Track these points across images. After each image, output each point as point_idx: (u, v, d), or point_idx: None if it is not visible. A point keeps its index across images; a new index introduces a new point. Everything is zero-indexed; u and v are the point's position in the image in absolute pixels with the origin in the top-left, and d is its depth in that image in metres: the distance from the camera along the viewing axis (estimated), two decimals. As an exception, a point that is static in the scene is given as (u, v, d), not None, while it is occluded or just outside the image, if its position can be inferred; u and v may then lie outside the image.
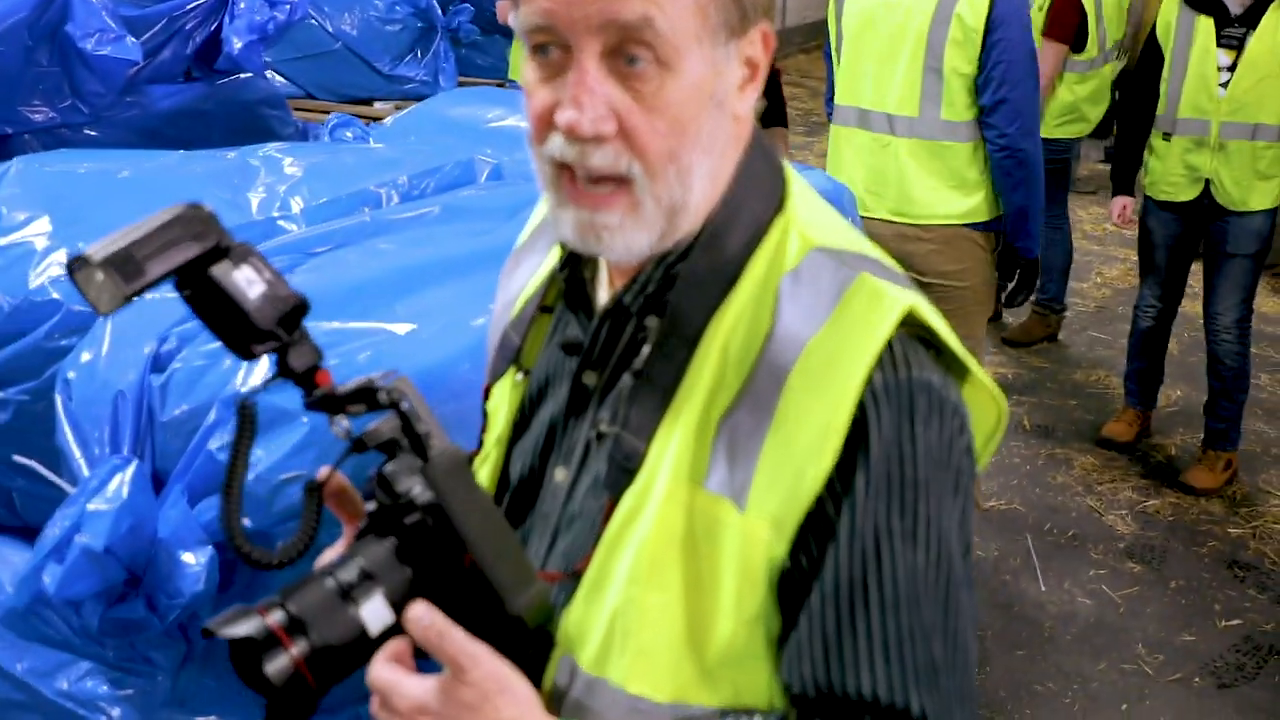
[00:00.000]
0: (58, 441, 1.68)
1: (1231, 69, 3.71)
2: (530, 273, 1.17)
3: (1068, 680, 3.16)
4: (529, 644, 0.94)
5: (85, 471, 1.61)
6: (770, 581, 0.92)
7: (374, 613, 0.90)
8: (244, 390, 1.58)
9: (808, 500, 0.90)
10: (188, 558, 1.43)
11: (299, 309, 0.93)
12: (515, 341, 1.13)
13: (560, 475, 1.05)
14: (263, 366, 1.53)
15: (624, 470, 0.95)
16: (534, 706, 0.90)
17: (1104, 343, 5.44)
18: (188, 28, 3.35)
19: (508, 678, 0.89)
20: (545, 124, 0.92)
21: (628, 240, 0.93)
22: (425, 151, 2.41)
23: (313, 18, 5.09)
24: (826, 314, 0.92)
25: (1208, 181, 3.82)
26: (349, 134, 3.37)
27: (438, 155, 2.41)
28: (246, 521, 1.47)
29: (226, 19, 3.36)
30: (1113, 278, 6.37)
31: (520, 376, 1.13)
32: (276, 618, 0.87)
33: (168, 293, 0.91)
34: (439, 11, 5.58)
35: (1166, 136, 3.89)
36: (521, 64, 0.94)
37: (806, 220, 1.00)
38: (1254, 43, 3.68)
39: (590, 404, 1.03)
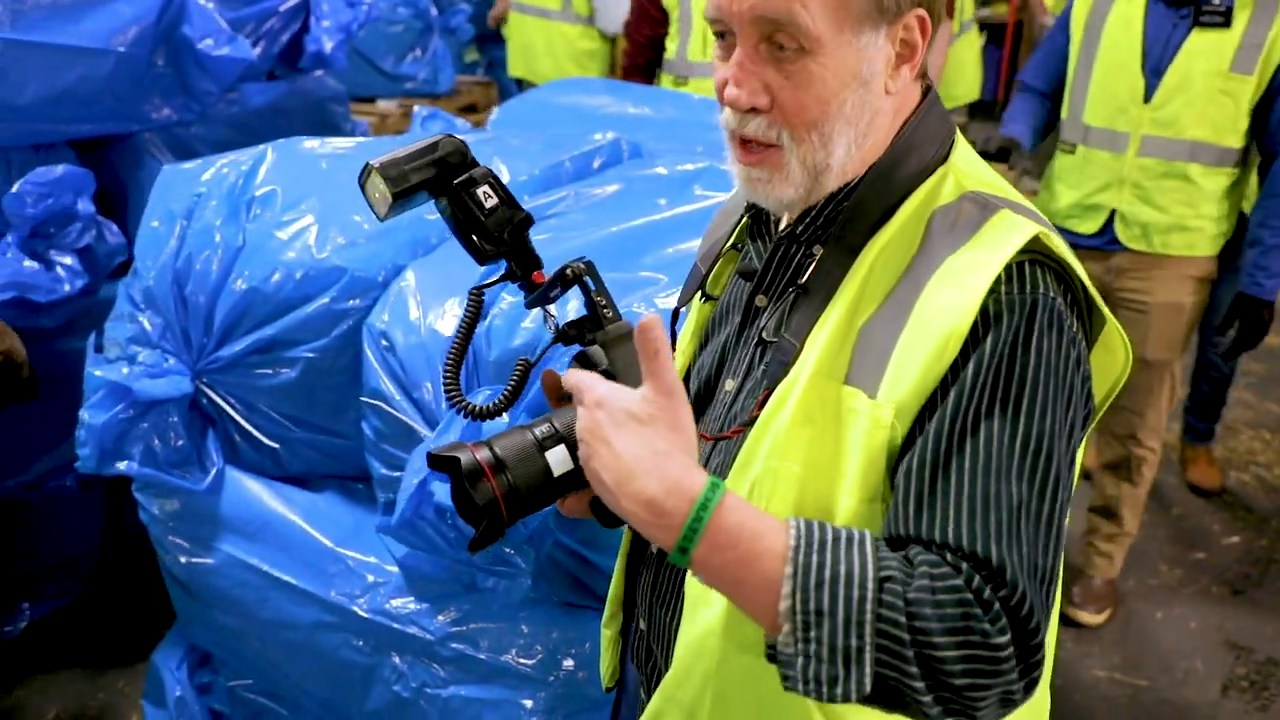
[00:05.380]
0: (371, 386, 1.91)
1: None
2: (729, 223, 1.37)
3: (1107, 594, 3.57)
4: None
5: (410, 409, 1.85)
6: (889, 464, 1.04)
7: (558, 458, 1.11)
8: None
9: (927, 390, 1.01)
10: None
11: (525, 222, 1.15)
12: (702, 271, 1.32)
13: (729, 385, 1.22)
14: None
15: (781, 364, 1.10)
16: (691, 453, 0.99)
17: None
18: (275, 29, 3.53)
19: (683, 421, 0.99)
20: (720, 96, 1.11)
21: (777, 192, 1.11)
22: (574, 135, 2.67)
23: (321, 19, 5.25)
24: (967, 238, 1.05)
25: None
26: (438, 126, 3.60)
27: (585, 139, 2.66)
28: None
29: (314, 20, 3.55)
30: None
31: (703, 301, 1.33)
32: (484, 454, 1.09)
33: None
34: (435, 11, 5.77)
35: None
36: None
37: (965, 171, 1.14)
38: None
39: (758, 322, 1.20)
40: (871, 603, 0.92)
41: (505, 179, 2.34)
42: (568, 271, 1.16)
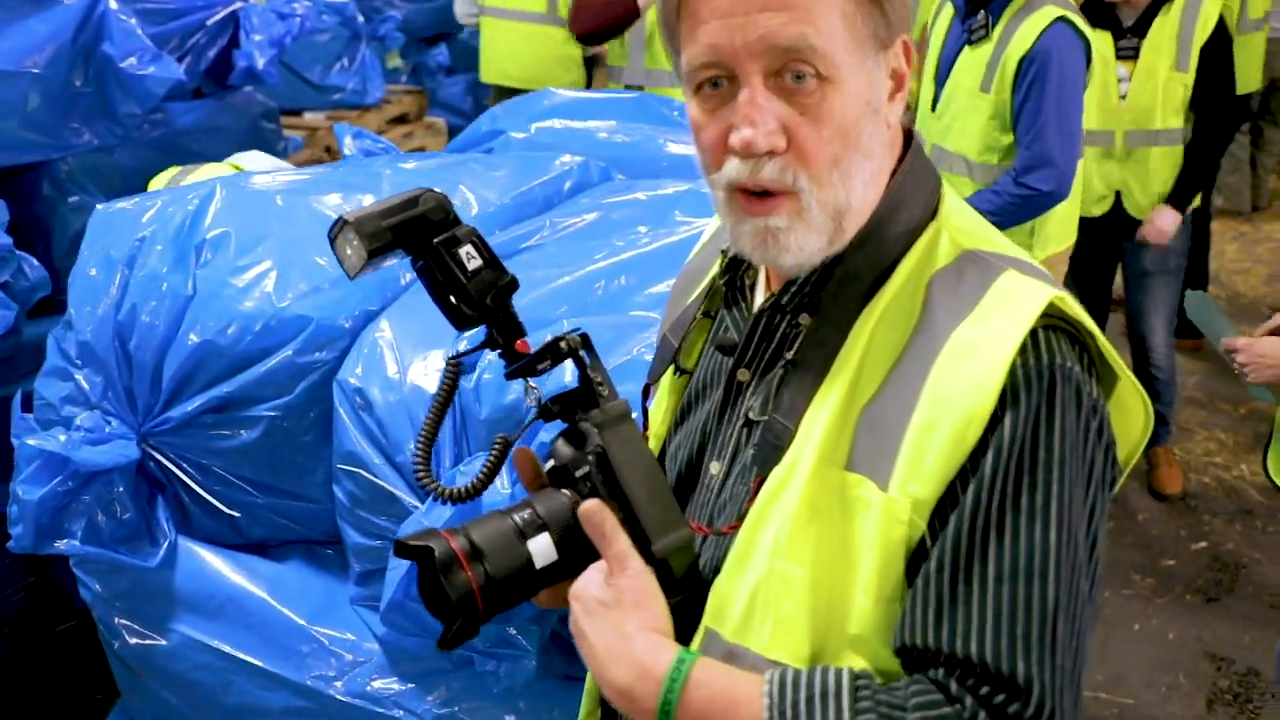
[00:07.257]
0: (345, 450, 1.73)
1: (1129, 79, 3.78)
2: (698, 287, 1.23)
3: (1083, 609, 3.52)
4: (676, 592, 1.01)
5: (391, 475, 1.68)
6: (907, 560, 0.94)
7: (541, 548, 1.00)
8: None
9: (946, 481, 0.92)
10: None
11: (509, 286, 1.04)
12: (673, 344, 1.19)
13: (715, 468, 1.10)
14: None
15: (773, 448, 1.00)
16: (658, 627, 0.97)
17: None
18: (201, 44, 3.31)
19: (646, 593, 0.97)
20: (720, 150, 0.98)
21: (800, 241, 0.98)
22: (539, 159, 2.51)
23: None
24: (972, 308, 0.96)
25: (1118, 195, 3.85)
26: (367, 142, 3.39)
27: (550, 163, 2.50)
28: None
29: (244, 35, 3.33)
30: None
31: (678, 375, 1.19)
32: (460, 542, 0.98)
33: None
34: (362, 19, 5.54)
35: None
36: (688, 105, 1.01)
37: (958, 225, 1.04)
38: (1146, 50, 3.74)
39: (742, 400, 1.09)
40: None
41: (474, 210, 2.18)
42: (561, 344, 1.05)
